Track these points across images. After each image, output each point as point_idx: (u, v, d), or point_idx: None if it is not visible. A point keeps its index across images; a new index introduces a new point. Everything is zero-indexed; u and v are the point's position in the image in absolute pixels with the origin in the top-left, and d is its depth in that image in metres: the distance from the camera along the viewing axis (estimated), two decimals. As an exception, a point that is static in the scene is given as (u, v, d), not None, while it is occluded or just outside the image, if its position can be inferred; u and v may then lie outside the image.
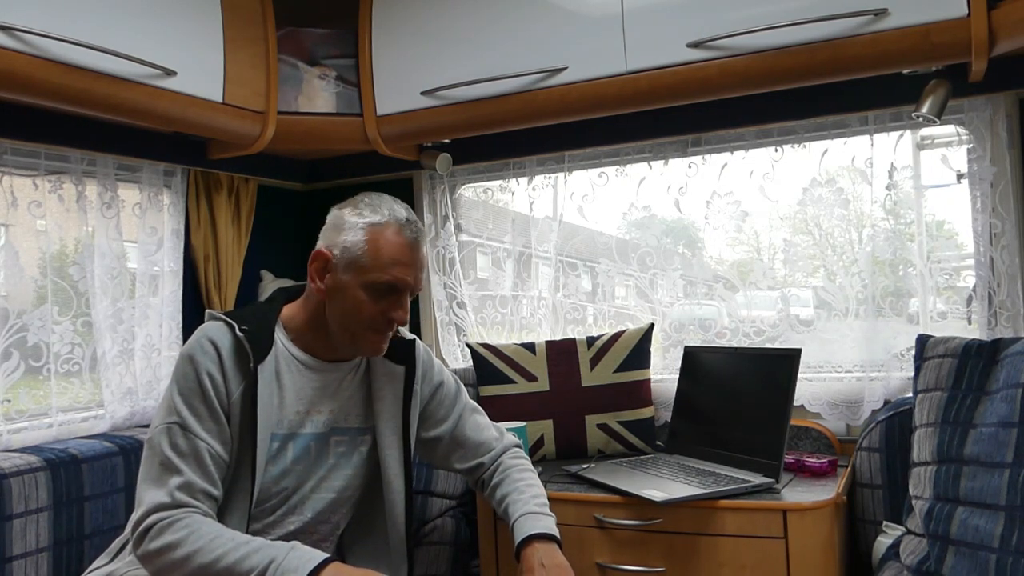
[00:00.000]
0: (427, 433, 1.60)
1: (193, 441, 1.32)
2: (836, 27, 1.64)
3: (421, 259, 1.44)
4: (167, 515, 1.26)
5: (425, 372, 1.60)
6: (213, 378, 1.35)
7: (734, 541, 1.60)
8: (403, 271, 1.40)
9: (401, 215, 1.43)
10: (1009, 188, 1.83)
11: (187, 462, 1.30)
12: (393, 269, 1.39)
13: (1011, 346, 1.54)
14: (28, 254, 1.84)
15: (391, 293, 1.41)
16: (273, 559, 1.23)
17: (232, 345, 1.38)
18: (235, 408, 1.37)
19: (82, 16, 1.58)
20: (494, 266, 2.53)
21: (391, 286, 1.40)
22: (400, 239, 1.40)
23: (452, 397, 1.62)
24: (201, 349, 1.37)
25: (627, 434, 2.08)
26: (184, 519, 1.26)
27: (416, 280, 1.44)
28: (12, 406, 1.79)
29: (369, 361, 1.54)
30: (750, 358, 1.91)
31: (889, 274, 2.00)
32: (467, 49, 2.01)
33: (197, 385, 1.34)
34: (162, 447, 1.31)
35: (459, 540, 1.94)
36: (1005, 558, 1.36)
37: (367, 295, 1.40)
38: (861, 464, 1.79)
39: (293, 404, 1.44)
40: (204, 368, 1.35)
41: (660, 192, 2.22)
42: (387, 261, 1.39)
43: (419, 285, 1.45)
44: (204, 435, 1.33)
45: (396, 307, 1.42)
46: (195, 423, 1.33)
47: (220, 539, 1.25)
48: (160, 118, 1.81)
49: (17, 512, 1.54)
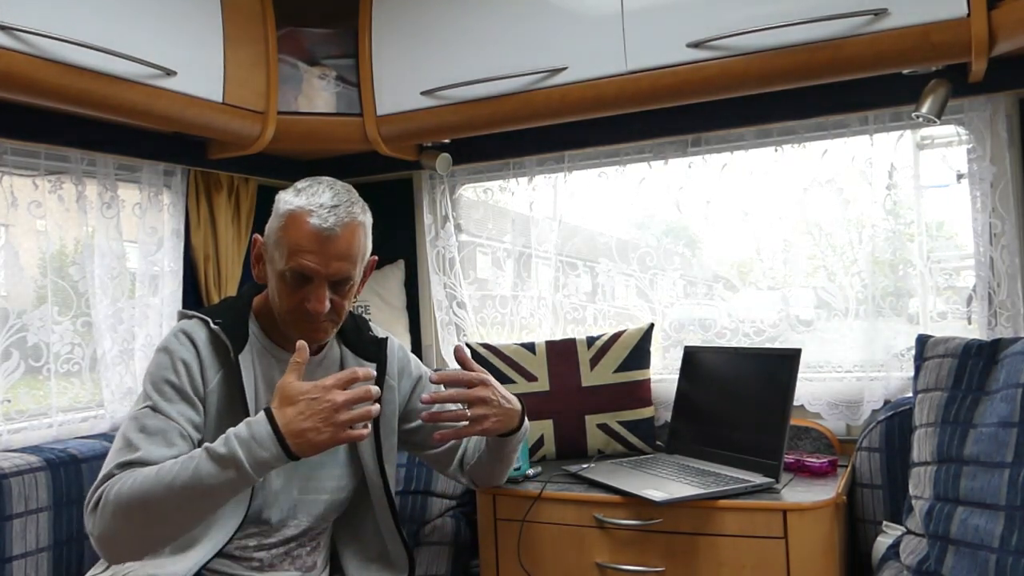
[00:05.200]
0: (405, 426, 1.60)
1: (162, 421, 1.29)
2: (836, 27, 1.64)
3: (338, 248, 1.34)
4: (110, 482, 1.22)
5: (403, 368, 1.59)
6: (188, 365, 1.34)
7: (734, 541, 1.60)
8: (311, 259, 1.32)
9: (323, 200, 1.35)
10: (1009, 188, 1.83)
11: (151, 440, 1.27)
12: (299, 256, 1.33)
13: (1011, 346, 1.54)
14: (28, 254, 1.84)
15: (304, 282, 1.35)
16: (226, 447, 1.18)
17: (208, 338, 1.37)
18: (212, 397, 1.36)
19: (82, 16, 1.58)
20: (494, 266, 2.53)
21: (297, 274, 1.34)
22: (308, 226, 1.32)
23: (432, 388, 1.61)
24: (176, 340, 1.36)
25: (627, 434, 2.08)
26: (125, 475, 1.22)
27: (335, 269, 1.34)
28: (12, 406, 1.79)
29: (343, 358, 1.53)
30: (750, 358, 1.91)
31: (889, 274, 2.00)
32: (467, 49, 2.01)
33: (171, 370, 1.33)
34: (127, 432, 1.28)
35: (459, 540, 1.94)
36: (1005, 558, 1.36)
37: (283, 283, 1.36)
38: (861, 464, 1.79)
39: (265, 395, 1.43)
40: (178, 356, 1.34)
41: (660, 192, 2.21)
42: (293, 248, 1.33)
43: (343, 274, 1.36)
44: (175, 415, 1.30)
45: (311, 297, 1.34)
46: (166, 405, 1.31)
47: (163, 468, 1.20)
48: (160, 118, 1.81)
49: (17, 512, 1.54)
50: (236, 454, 1.18)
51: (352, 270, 1.38)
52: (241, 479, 1.19)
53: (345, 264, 1.36)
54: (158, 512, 1.19)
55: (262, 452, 1.19)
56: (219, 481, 1.18)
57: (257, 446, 1.19)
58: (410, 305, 2.50)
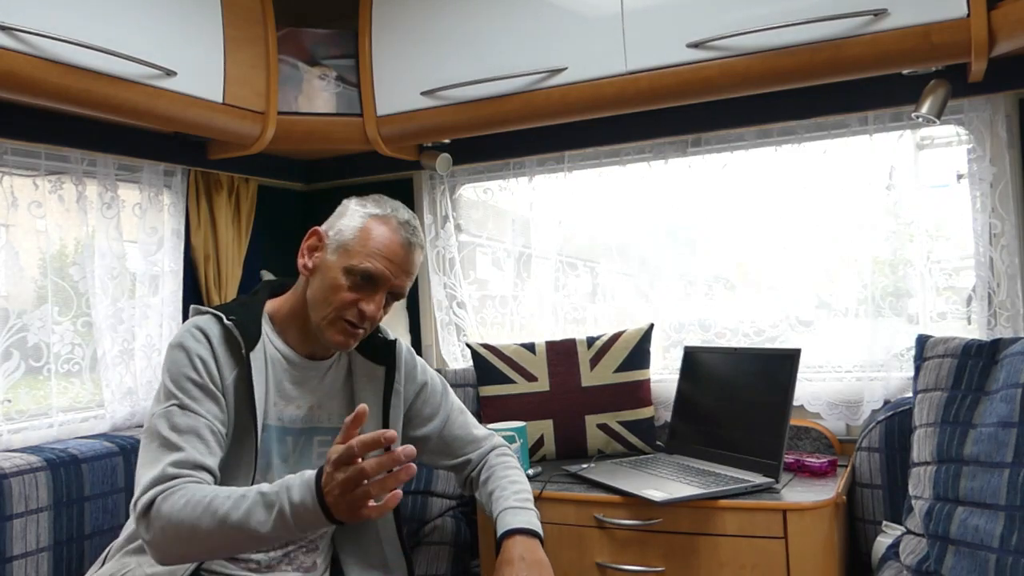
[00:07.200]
0: (415, 432, 1.59)
1: (192, 418, 1.30)
2: (836, 27, 1.64)
3: (410, 263, 1.42)
4: (162, 488, 1.23)
5: (408, 372, 1.59)
6: (205, 361, 1.34)
7: (734, 541, 1.60)
8: (386, 265, 1.39)
9: (403, 216, 1.43)
10: (1009, 188, 1.84)
11: (186, 439, 1.28)
12: (377, 259, 1.38)
13: (1011, 346, 1.54)
14: (28, 254, 1.84)
15: (368, 283, 1.39)
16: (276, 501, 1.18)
17: (221, 334, 1.37)
18: (228, 393, 1.36)
19: (82, 16, 1.58)
20: (494, 266, 2.53)
21: (369, 275, 1.38)
22: (394, 234, 1.40)
23: (438, 396, 1.61)
24: (191, 336, 1.36)
25: (627, 434, 2.08)
26: (179, 490, 1.23)
27: (400, 281, 1.41)
28: (12, 406, 1.79)
29: (351, 362, 1.53)
30: (750, 358, 1.91)
31: (889, 274, 2.00)
32: (467, 49, 2.01)
33: (191, 368, 1.33)
34: (159, 430, 1.29)
35: (459, 540, 1.94)
36: (1005, 558, 1.36)
37: (345, 279, 1.38)
38: (861, 464, 1.80)
39: (274, 396, 1.44)
40: (195, 352, 1.34)
41: (660, 192, 2.21)
42: (373, 250, 1.38)
43: (402, 289, 1.43)
44: (203, 412, 1.31)
45: (369, 299, 1.39)
46: (192, 402, 1.31)
47: (217, 499, 1.21)
48: (160, 118, 1.81)
49: (17, 512, 1.54)
50: (287, 518, 1.18)
51: (407, 288, 1.45)
52: (287, 534, 1.21)
53: (407, 280, 1.44)
54: (205, 541, 1.21)
55: (311, 518, 1.17)
56: (266, 531, 1.19)
57: (308, 517, 1.17)
58: (410, 305, 2.50)
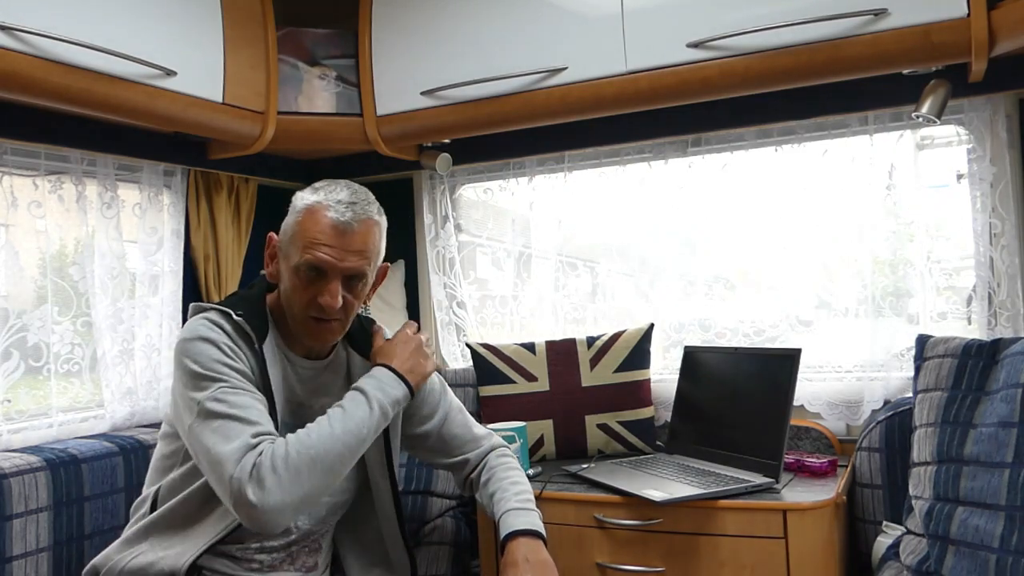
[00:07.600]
0: (414, 430, 1.58)
1: (246, 396, 1.29)
2: (836, 27, 1.64)
3: (354, 241, 1.35)
4: (257, 450, 1.23)
5: None
6: (233, 349, 1.33)
7: (734, 541, 1.60)
8: (327, 252, 1.33)
9: (341, 197, 1.36)
10: (1009, 188, 1.84)
11: (250, 412, 1.27)
12: (316, 248, 1.33)
13: (1011, 346, 1.54)
14: (28, 254, 1.84)
15: (318, 275, 1.35)
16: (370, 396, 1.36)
17: (232, 328, 1.36)
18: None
19: (82, 16, 1.58)
20: (494, 266, 2.53)
21: (312, 267, 1.34)
22: (326, 219, 1.34)
23: (437, 395, 1.59)
24: (208, 329, 1.33)
25: (627, 434, 2.08)
26: (274, 444, 1.25)
27: (351, 263, 1.35)
28: (12, 406, 1.79)
29: (349, 361, 1.53)
30: (750, 358, 1.91)
31: (889, 274, 2.00)
32: (467, 49, 2.01)
33: (222, 354, 1.31)
34: (219, 410, 1.26)
35: (459, 540, 1.94)
36: (1005, 558, 1.36)
37: (297, 278, 1.36)
38: (861, 464, 1.79)
39: (282, 388, 1.43)
40: (220, 341, 1.32)
41: (660, 192, 2.21)
42: (310, 240, 1.34)
43: (357, 269, 1.37)
44: (252, 390, 1.31)
45: (324, 291, 1.34)
46: (240, 382, 1.30)
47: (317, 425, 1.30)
48: (160, 118, 1.81)
49: (17, 512, 1.54)
50: (378, 397, 1.36)
51: (366, 267, 1.39)
52: (384, 420, 1.37)
53: (360, 260, 1.37)
54: (329, 463, 1.28)
55: (395, 391, 1.39)
56: (369, 426, 1.33)
57: (390, 388, 1.38)
58: (410, 305, 2.50)
